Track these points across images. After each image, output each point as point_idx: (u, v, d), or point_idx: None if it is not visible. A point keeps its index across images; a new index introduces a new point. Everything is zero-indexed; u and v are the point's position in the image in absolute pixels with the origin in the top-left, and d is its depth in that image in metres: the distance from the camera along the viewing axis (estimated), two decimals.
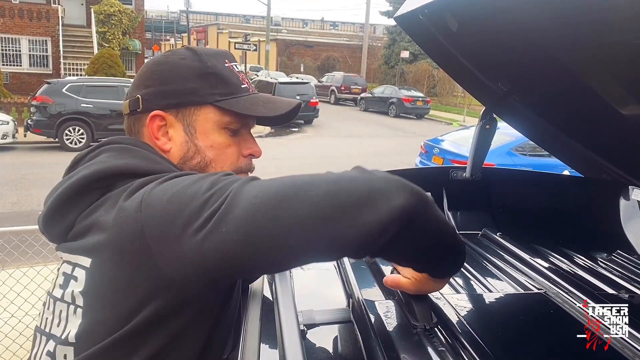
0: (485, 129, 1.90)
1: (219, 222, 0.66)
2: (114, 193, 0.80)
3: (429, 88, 30.00)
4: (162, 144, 0.93)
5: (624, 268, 1.63)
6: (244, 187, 0.69)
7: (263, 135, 16.05)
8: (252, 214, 0.65)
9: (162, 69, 0.93)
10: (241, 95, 0.94)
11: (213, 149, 0.93)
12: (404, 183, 0.67)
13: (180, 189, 0.73)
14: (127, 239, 0.73)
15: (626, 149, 1.78)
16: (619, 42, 1.17)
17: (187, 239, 0.67)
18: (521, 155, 7.34)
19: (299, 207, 0.64)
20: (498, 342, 1.03)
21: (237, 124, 0.95)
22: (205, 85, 0.91)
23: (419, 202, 0.66)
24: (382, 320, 1.06)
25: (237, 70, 0.97)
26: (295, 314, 0.94)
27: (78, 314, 0.79)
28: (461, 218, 1.99)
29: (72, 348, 0.78)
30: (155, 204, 0.72)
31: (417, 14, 1.56)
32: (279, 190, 0.66)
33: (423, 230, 0.70)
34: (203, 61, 0.93)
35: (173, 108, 0.92)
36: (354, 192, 0.64)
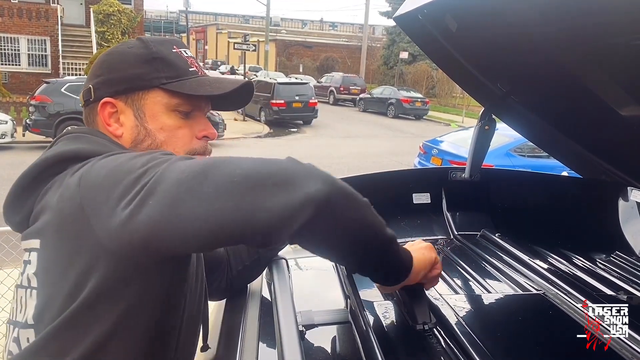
0: (484, 129, 1.90)
1: (147, 195, 0.68)
2: (61, 175, 0.83)
3: (427, 89, 29.99)
4: (113, 129, 0.95)
5: (622, 269, 1.64)
6: (175, 163, 0.72)
7: (262, 135, 16.04)
8: (177, 187, 0.67)
9: (110, 59, 0.97)
10: (188, 77, 0.96)
11: (163, 131, 0.94)
12: (326, 175, 0.69)
13: (118, 164, 0.76)
14: (67, 212, 0.76)
15: (625, 149, 1.78)
16: (617, 44, 1.17)
17: (119, 211, 0.70)
18: (520, 157, 7.33)
19: (220, 184, 0.66)
20: (497, 343, 1.03)
21: (187, 106, 0.96)
22: (151, 70, 0.94)
23: (336, 194, 0.68)
24: (380, 320, 1.06)
25: (186, 56, 0.99)
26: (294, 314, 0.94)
27: (33, 295, 0.81)
28: (460, 219, 1.99)
29: (32, 330, 0.80)
30: (93, 178, 0.76)
31: (417, 14, 1.56)
32: (205, 167, 0.69)
33: (336, 224, 0.71)
34: (149, 48, 0.95)
35: (122, 94, 0.94)
36: (274, 175, 0.67)
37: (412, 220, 1.97)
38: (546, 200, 2.07)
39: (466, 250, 1.76)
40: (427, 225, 1.98)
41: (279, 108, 17.49)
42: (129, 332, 0.79)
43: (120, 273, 0.76)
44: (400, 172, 2.17)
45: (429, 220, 1.99)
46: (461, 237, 1.89)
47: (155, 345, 0.84)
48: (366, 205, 0.75)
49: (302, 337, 0.99)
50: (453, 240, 1.91)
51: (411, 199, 2.00)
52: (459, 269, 1.57)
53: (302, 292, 1.32)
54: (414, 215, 1.98)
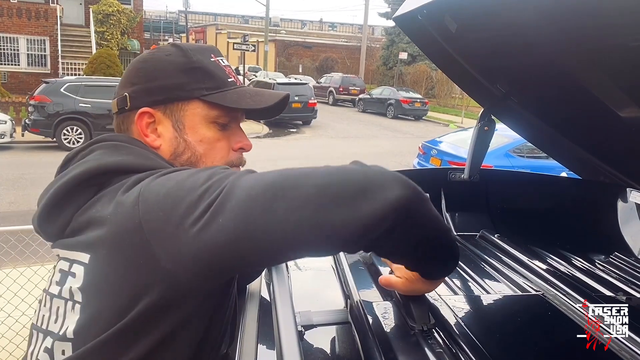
0: (483, 130, 1.91)
1: (215, 213, 0.66)
2: (110, 189, 0.80)
3: (427, 89, 30.01)
4: (151, 140, 0.92)
5: (621, 270, 1.64)
6: (240, 178, 0.69)
7: (261, 135, 16.04)
8: (249, 204, 0.65)
9: (147, 66, 0.93)
10: (228, 89, 0.94)
11: (203, 144, 0.93)
12: (400, 177, 0.67)
13: (177, 182, 0.73)
14: (125, 233, 0.73)
15: (624, 151, 1.78)
16: (617, 45, 1.17)
17: (184, 231, 0.67)
18: (519, 157, 7.34)
19: (295, 198, 0.64)
20: (495, 344, 1.03)
21: (225, 117, 0.95)
22: (191, 80, 0.91)
23: (414, 197, 0.67)
24: (379, 321, 1.06)
25: (224, 65, 0.97)
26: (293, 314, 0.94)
27: (76, 309, 0.78)
28: (459, 219, 1.99)
29: (70, 344, 0.78)
30: (152, 198, 0.72)
31: (416, 14, 1.56)
32: (275, 181, 0.66)
33: (417, 226, 0.71)
34: (188, 56, 0.92)
35: (160, 104, 0.92)
36: (349, 184, 0.65)
37: None
38: (545, 201, 2.07)
39: (465, 250, 1.76)
40: None
41: None
42: (172, 347, 0.78)
43: (176, 294, 0.74)
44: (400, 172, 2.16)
45: None
46: (460, 238, 1.89)
47: (197, 356, 0.83)
48: (430, 201, 0.73)
49: (301, 338, 0.99)
50: None
51: None
52: (458, 270, 1.56)
53: (301, 292, 1.32)
54: None
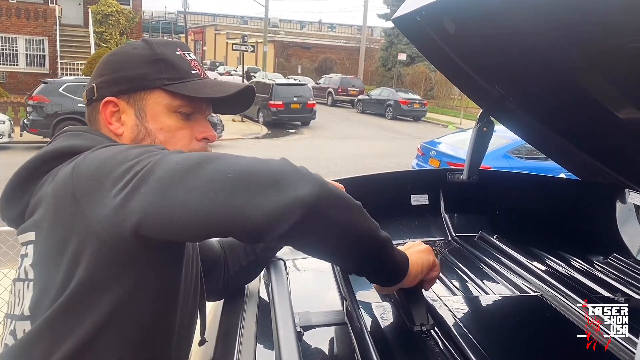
0: (482, 131, 1.91)
1: (140, 183, 0.70)
2: (55, 169, 0.85)
3: (426, 90, 30.01)
4: (114, 128, 0.96)
5: (620, 271, 1.64)
6: (168, 155, 0.74)
7: (260, 136, 16.04)
8: (170, 177, 0.69)
9: (114, 59, 0.98)
10: (190, 80, 0.97)
11: (163, 132, 0.96)
12: (316, 177, 0.70)
13: (112, 154, 0.78)
14: (60, 202, 0.78)
15: (622, 152, 1.79)
16: (615, 46, 1.17)
17: (111, 198, 0.72)
18: (517, 159, 7.34)
19: (213, 178, 0.68)
20: (494, 345, 1.03)
21: (188, 107, 0.97)
22: (154, 71, 0.95)
23: (326, 197, 0.70)
24: (378, 322, 1.06)
25: (189, 58, 1.00)
26: (292, 315, 0.94)
27: (30, 287, 0.82)
28: (458, 220, 1.99)
29: (28, 321, 0.81)
30: (86, 167, 0.77)
31: (415, 16, 1.56)
32: (200, 160, 0.70)
33: (325, 226, 0.73)
34: (152, 49, 0.96)
35: (124, 94, 0.95)
36: (265, 175, 0.68)
37: (410, 221, 1.97)
38: (544, 203, 2.07)
39: (464, 251, 1.76)
40: (425, 227, 1.98)
41: (277, 109, 17.49)
42: (121, 324, 0.80)
43: (110, 262, 0.76)
44: (399, 173, 2.17)
45: (427, 221, 1.99)
46: (459, 239, 1.89)
47: (149, 338, 0.84)
48: (357, 207, 0.77)
49: (299, 338, 0.99)
50: (451, 241, 1.91)
51: (409, 201, 2.00)
52: (456, 271, 1.57)
53: (300, 293, 1.32)
54: (412, 217, 1.98)
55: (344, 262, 0.90)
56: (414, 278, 0.95)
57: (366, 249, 0.82)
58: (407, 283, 0.95)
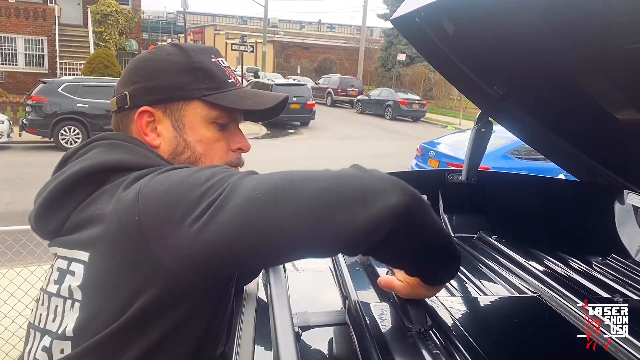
0: (481, 132, 1.91)
1: (215, 213, 0.66)
2: (109, 186, 0.80)
3: (425, 91, 30.03)
4: (151, 139, 0.92)
5: (618, 272, 1.64)
6: (242, 179, 0.69)
7: (259, 136, 16.03)
8: (249, 205, 0.65)
9: (148, 65, 0.94)
10: (228, 89, 0.95)
11: (202, 144, 0.93)
12: (400, 183, 0.68)
13: (178, 180, 0.73)
14: (124, 230, 0.73)
15: (621, 153, 1.79)
16: (614, 47, 1.17)
17: (184, 229, 0.67)
18: (516, 159, 7.35)
19: (295, 201, 0.64)
20: (492, 345, 1.03)
21: (225, 118, 0.95)
22: (191, 80, 0.91)
23: (413, 203, 0.67)
24: (376, 322, 1.06)
25: (224, 66, 0.97)
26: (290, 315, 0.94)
27: (75, 308, 0.78)
28: (457, 221, 2.00)
29: (69, 342, 0.77)
30: (152, 195, 0.72)
31: (414, 16, 1.56)
32: (277, 184, 0.67)
33: (416, 232, 0.72)
34: (189, 56, 0.93)
35: (161, 104, 0.92)
36: (349, 189, 0.65)
37: None
38: (543, 203, 2.07)
39: (462, 252, 1.76)
40: None
41: None
42: (171, 347, 0.78)
43: (175, 293, 0.74)
44: (398, 173, 2.17)
45: None
46: (458, 239, 1.89)
47: (195, 356, 0.83)
48: (431, 207, 0.74)
49: (298, 339, 0.99)
50: None
51: None
52: None
53: (299, 293, 1.32)
54: None
55: (421, 265, 0.85)
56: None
57: (443, 247, 0.80)
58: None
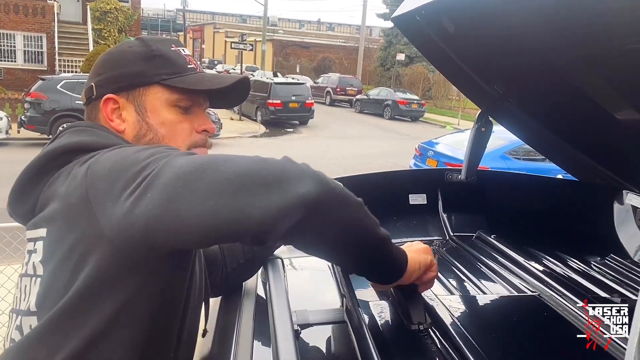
0: (480, 131, 1.91)
1: (147, 188, 0.71)
2: (69, 166, 0.86)
3: (424, 91, 30.02)
4: (116, 125, 0.97)
5: (617, 272, 1.64)
6: (175, 158, 0.74)
7: (258, 135, 16.03)
8: (174, 181, 0.69)
9: (111, 57, 1.00)
10: (187, 74, 0.99)
11: (164, 126, 0.97)
12: (318, 175, 0.70)
13: (122, 157, 0.79)
14: (74, 201, 0.79)
15: (620, 153, 1.79)
16: (613, 48, 1.18)
17: (121, 202, 0.72)
18: (515, 159, 7.35)
19: (216, 181, 0.68)
20: (491, 344, 1.03)
21: (187, 101, 0.99)
22: (151, 67, 0.97)
23: (327, 194, 0.70)
24: (376, 320, 1.06)
25: (184, 54, 1.02)
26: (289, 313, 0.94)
27: (37, 283, 0.83)
28: (456, 220, 2.00)
29: (35, 317, 0.82)
30: (99, 169, 0.78)
31: (414, 15, 1.56)
32: (203, 163, 0.70)
33: (329, 225, 0.74)
34: (148, 46, 0.98)
35: (124, 91, 0.97)
36: (266, 174, 0.68)
37: (408, 220, 1.97)
38: (542, 203, 2.07)
39: (462, 251, 1.76)
40: (423, 226, 1.98)
41: (275, 108, 17.48)
42: (127, 323, 0.80)
43: (118, 263, 0.77)
44: (397, 172, 2.17)
45: (425, 221, 1.99)
46: (457, 239, 1.89)
47: (155, 336, 0.84)
48: (358, 204, 0.77)
49: (297, 337, 0.99)
50: (449, 241, 1.91)
51: (407, 200, 2.00)
52: (454, 270, 1.57)
53: (298, 291, 1.32)
54: (410, 216, 1.98)
55: (343, 259, 0.90)
56: (410, 275, 0.95)
57: (366, 246, 0.83)
58: (404, 280, 0.95)
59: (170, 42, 1.03)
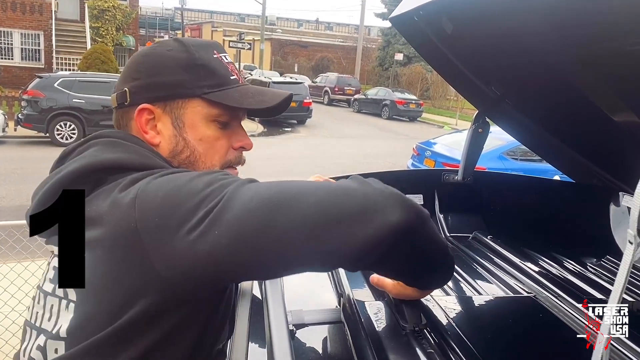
0: (477, 132, 1.91)
1: (212, 224, 0.65)
2: (106, 187, 0.78)
3: (422, 91, 30.04)
4: (150, 137, 0.90)
5: (613, 274, 1.64)
6: (240, 189, 0.68)
7: (256, 134, 16.00)
8: (245, 218, 0.64)
9: (149, 61, 0.91)
10: (230, 87, 0.92)
11: (202, 143, 0.91)
12: (402, 198, 0.67)
13: (175, 186, 0.72)
14: (120, 234, 0.72)
15: (617, 155, 1.79)
16: (612, 49, 1.18)
17: (180, 238, 0.67)
18: (512, 160, 7.36)
19: (293, 215, 0.64)
20: (487, 345, 1.03)
21: (226, 116, 0.92)
22: (192, 78, 0.89)
23: (415, 220, 0.67)
24: (371, 321, 1.06)
25: (227, 62, 0.94)
26: (285, 313, 0.94)
27: (70, 308, 0.78)
28: (452, 220, 2.00)
29: (63, 342, 0.77)
30: (149, 201, 0.71)
31: (413, 15, 1.56)
32: (274, 196, 0.66)
33: (416, 248, 0.71)
34: (190, 52, 0.90)
35: (161, 101, 0.89)
36: (349, 205, 0.64)
37: None
38: (538, 204, 2.08)
39: (458, 251, 1.76)
40: None
41: None
42: (165, 351, 0.77)
43: (170, 299, 0.73)
44: (394, 172, 2.17)
45: None
46: (453, 239, 1.89)
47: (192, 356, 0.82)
48: (429, 218, 0.73)
49: (292, 337, 0.98)
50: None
51: None
52: None
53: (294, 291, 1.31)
54: None
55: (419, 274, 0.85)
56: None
57: (441, 259, 0.81)
58: None
59: (212, 48, 0.94)
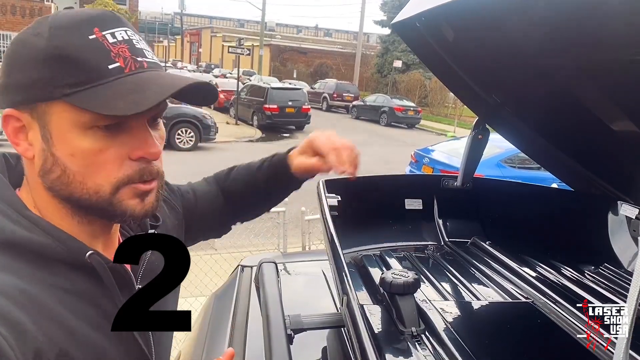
0: (477, 139, 1.91)
1: None
2: None
3: (420, 98, 30.08)
4: (22, 150, 0.69)
5: (610, 281, 1.64)
6: None
7: (254, 139, 16.01)
8: None
9: (9, 53, 0.68)
10: (103, 81, 0.64)
11: (75, 159, 0.66)
12: None
13: None
14: None
15: (616, 164, 1.79)
16: (612, 59, 1.18)
17: None
18: (510, 168, 7.37)
19: None
20: (484, 350, 1.02)
21: (105, 119, 0.64)
22: (48, 75, 0.64)
23: None
24: (369, 325, 1.06)
25: (111, 42, 0.65)
26: (282, 318, 0.93)
27: None
28: (451, 226, 2.00)
29: None
30: None
31: (414, 21, 1.56)
32: None
33: None
34: (50, 39, 0.64)
35: (23, 105, 0.66)
36: None
37: (404, 225, 1.97)
38: (537, 211, 2.08)
39: (456, 257, 1.76)
40: (418, 231, 1.98)
41: (271, 113, 17.49)
42: None
43: None
44: (394, 177, 2.17)
45: (420, 225, 1.99)
46: (452, 244, 1.89)
47: None
48: None
49: (290, 341, 0.98)
50: (443, 246, 1.91)
51: (403, 204, 2.00)
52: (448, 275, 1.57)
53: (291, 296, 1.31)
54: (406, 220, 1.98)
55: None
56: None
57: None
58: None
59: (91, 25, 0.65)
